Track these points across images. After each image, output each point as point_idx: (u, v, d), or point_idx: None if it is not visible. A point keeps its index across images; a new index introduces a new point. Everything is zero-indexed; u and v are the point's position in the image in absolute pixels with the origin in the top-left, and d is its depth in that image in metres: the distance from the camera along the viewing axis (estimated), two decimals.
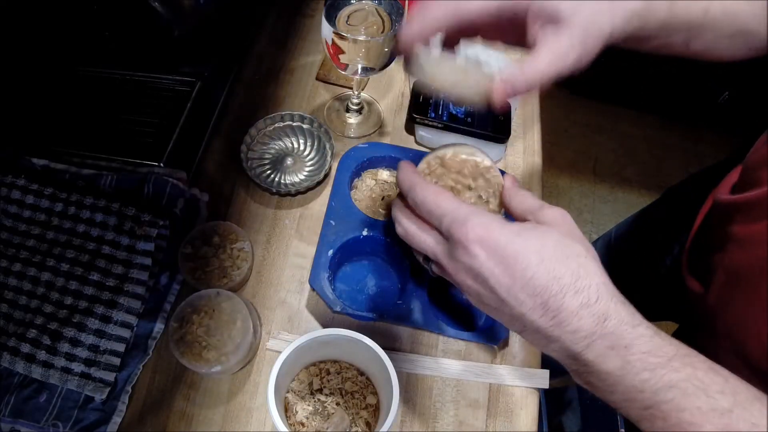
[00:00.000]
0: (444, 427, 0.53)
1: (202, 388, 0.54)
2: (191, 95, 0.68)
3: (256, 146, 0.67)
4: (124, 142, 0.65)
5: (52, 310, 0.54)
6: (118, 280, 0.55)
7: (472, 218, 0.34)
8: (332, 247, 0.57)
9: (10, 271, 0.56)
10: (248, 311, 0.53)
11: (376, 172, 0.65)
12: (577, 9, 0.39)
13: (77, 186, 0.61)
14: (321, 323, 0.58)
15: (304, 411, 0.50)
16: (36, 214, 0.59)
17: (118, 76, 0.70)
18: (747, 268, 0.48)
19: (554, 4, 0.40)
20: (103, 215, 0.58)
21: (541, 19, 0.40)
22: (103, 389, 0.51)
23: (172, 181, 0.61)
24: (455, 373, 0.55)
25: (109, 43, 0.71)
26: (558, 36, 0.39)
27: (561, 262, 0.33)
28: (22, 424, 0.51)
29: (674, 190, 0.84)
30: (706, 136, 1.84)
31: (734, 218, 0.52)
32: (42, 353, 0.52)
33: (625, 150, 1.82)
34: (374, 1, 0.59)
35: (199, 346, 0.51)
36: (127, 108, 0.68)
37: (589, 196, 1.74)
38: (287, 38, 0.79)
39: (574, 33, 0.39)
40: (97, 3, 0.67)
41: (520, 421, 0.54)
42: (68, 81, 0.70)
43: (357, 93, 0.69)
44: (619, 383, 0.32)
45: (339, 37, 0.55)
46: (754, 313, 0.46)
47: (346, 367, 0.53)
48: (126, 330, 0.54)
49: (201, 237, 0.58)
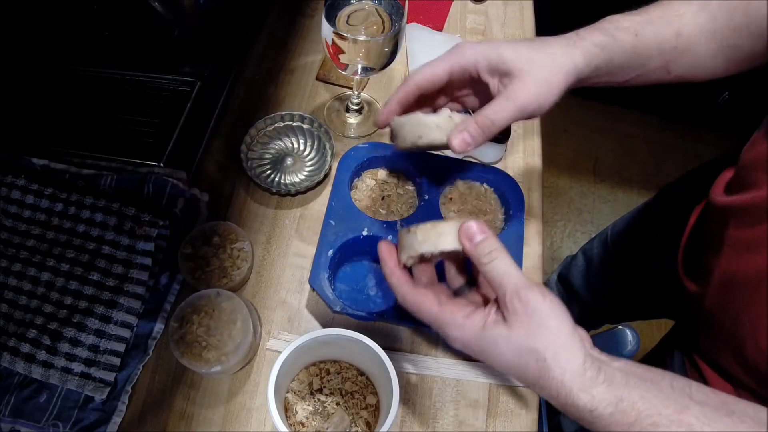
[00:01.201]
0: (444, 427, 0.53)
1: (202, 388, 0.54)
2: (191, 95, 0.68)
3: (256, 146, 0.67)
4: (124, 142, 0.65)
5: (52, 310, 0.54)
6: (118, 280, 0.55)
7: (444, 319, 0.38)
8: (332, 247, 0.57)
9: (10, 271, 0.56)
10: (248, 311, 0.53)
11: (376, 172, 0.65)
12: (530, 60, 0.43)
13: (77, 186, 0.61)
14: (321, 323, 0.58)
15: (304, 411, 0.50)
16: (36, 214, 0.59)
17: (118, 76, 0.70)
18: (744, 274, 0.48)
19: (504, 62, 0.43)
20: (103, 215, 0.58)
21: (497, 74, 0.44)
22: (103, 389, 0.51)
23: (172, 181, 0.61)
24: (455, 373, 0.55)
25: (109, 43, 0.71)
26: (514, 86, 0.43)
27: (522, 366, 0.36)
28: (22, 424, 0.51)
29: (669, 188, 0.83)
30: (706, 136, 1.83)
31: (729, 221, 0.51)
32: (42, 353, 0.52)
33: (625, 150, 1.82)
34: (374, 1, 0.59)
35: (199, 346, 0.51)
36: (127, 108, 0.68)
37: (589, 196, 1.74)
38: (287, 38, 0.79)
39: (530, 82, 0.43)
40: (97, 3, 0.67)
41: (520, 421, 0.54)
42: (68, 81, 0.70)
43: (357, 93, 0.69)
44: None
45: (339, 37, 0.55)
46: (751, 317, 0.46)
47: (346, 367, 0.53)
48: (126, 330, 0.54)
49: (201, 237, 0.58)
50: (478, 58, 0.44)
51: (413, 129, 0.46)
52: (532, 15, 0.85)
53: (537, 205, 0.67)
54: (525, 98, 0.43)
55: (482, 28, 0.83)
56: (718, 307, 0.52)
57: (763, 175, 0.48)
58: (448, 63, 0.45)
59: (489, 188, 0.65)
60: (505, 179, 0.64)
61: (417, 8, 0.82)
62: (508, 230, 0.59)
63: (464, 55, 0.45)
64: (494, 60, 0.44)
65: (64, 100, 0.69)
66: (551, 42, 0.45)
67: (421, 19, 0.81)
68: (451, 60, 0.45)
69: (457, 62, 0.45)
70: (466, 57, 0.45)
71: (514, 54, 0.43)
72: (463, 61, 0.45)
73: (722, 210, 0.54)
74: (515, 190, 0.63)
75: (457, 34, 0.81)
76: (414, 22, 0.80)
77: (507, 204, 0.62)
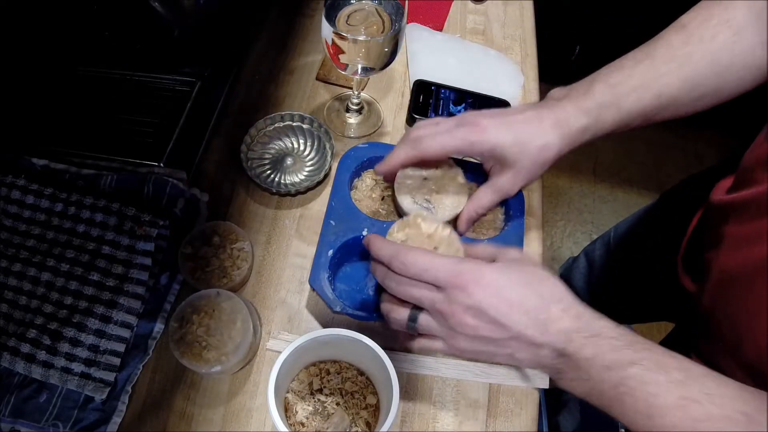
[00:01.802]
0: (444, 427, 0.53)
1: (202, 388, 0.54)
2: (191, 95, 0.68)
3: (256, 146, 0.67)
4: (124, 142, 0.65)
5: (52, 310, 0.54)
6: (118, 280, 0.55)
7: (462, 267, 0.41)
8: (332, 247, 0.57)
9: (10, 271, 0.56)
10: (248, 311, 0.53)
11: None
12: (522, 151, 0.50)
13: (77, 186, 0.61)
14: (321, 323, 0.58)
15: (304, 411, 0.50)
16: (36, 214, 0.59)
17: (118, 76, 0.70)
18: (741, 268, 0.48)
19: (501, 152, 0.50)
20: (103, 215, 0.58)
21: (492, 161, 0.54)
22: (103, 389, 0.52)
23: (172, 181, 0.61)
24: (455, 373, 0.55)
25: (109, 43, 0.71)
26: (502, 175, 0.53)
27: (540, 283, 0.41)
28: (22, 424, 0.51)
29: (671, 192, 0.84)
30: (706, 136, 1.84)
31: (729, 218, 0.52)
32: (42, 353, 0.52)
33: (625, 150, 1.82)
34: (374, 1, 0.59)
35: (199, 346, 0.51)
36: (127, 108, 0.68)
37: (589, 196, 1.74)
38: (287, 38, 0.79)
39: (518, 172, 0.52)
40: (97, 3, 0.67)
41: (520, 421, 0.54)
42: (68, 81, 0.70)
43: (357, 93, 0.69)
44: (592, 366, 0.38)
45: (339, 37, 0.55)
46: (748, 313, 0.46)
47: (346, 367, 0.53)
48: (126, 330, 0.54)
49: (201, 237, 0.58)
50: (485, 148, 0.50)
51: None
52: (532, 15, 0.85)
53: (537, 205, 0.67)
54: (510, 188, 0.54)
55: (482, 28, 0.83)
56: (717, 305, 0.52)
57: (763, 173, 0.48)
58: (461, 143, 0.50)
59: None
60: None
61: (417, 8, 0.82)
62: (508, 230, 0.59)
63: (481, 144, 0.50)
64: (495, 152, 0.51)
65: (64, 100, 0.69)
66: (543, 123, 0.50)
67: (421, 19, 0.81)
68: (466, 143, 0.50)
69: (470, 146, 0.51)
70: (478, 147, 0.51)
71: (511, 145, 0.50)
72: (475, 149, 0.51)
73: (722, 207, 0.54)
74: None
75: (457, 34, 0.81)
76: (414, 22, 0.80)
77: (507, 204, 0.62)
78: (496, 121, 0.50)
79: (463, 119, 0.51)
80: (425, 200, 0.58)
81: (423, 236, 0.53)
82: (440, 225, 0.54)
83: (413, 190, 0.59)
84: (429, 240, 0.53)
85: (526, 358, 0.41)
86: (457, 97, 0.72)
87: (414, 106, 0.70)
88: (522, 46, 0.81)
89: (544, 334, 0.39)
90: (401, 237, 0.52)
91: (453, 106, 0.70)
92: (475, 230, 0.62)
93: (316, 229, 0.61)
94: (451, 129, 0.51)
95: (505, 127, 0.50)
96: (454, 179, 0.59)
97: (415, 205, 0.58)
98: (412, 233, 0.53)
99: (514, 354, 0.41)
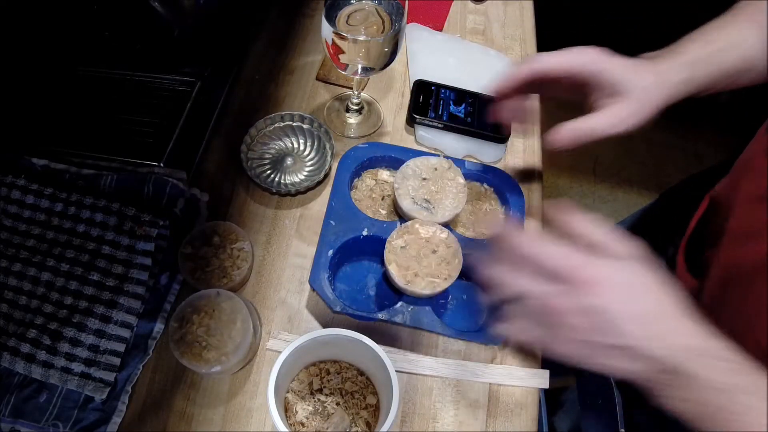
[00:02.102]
0: (444, 427, 0.53)
1: (202, 388, 0.54)
2: (191, 95, 0.68)
3: (256, 146, 0.67)
4: (124, 142, 0.65)
5: (52, 310, 0.54)
6: (118, 280, 0.55)
7: (588, 260, 0.38)
8: (332, 247, 0.57)
9: (10, 271, 0.56)
10: (248, 311, 0.53)
11: (376, 172, 0.65)
12: (633, 81, 0.49)
13: (77, 186, 0.61)
14: (321, 323, 0.58)
15: (304, 411, 0.50)
16: (36, 214, 0.59)
17: (118, 76, 0.70)
18: (743, 264, 0.48)
19: (612, 76, 0.49)
20: (103, 215, 0.58)
21: (604, 90, 0.50)
22: (103, 389, 0.51)
23: (172, 181, 0.61)
24: (455, 373, 0.55)
25: (109, 43, 0.71)
26: (616, 105, 0.50)
27: (660, 289, 0.38)
28: (22, 424, 0.51)
29: (671, 191, 0.84)
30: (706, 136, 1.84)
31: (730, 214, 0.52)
32: (42, 353, 0.52)
33: (625, 150, 1.82)
34: (374, 1, 0.59)
35: (199, 346, 0.51)
36: (127, 108, 0.68)
37: (589, 196, 1.74)
38: (287, 38, 0.79)
39: (631, 104, 0.49)
40: (97, 3, 0.67)
41: (520, 421, 0.54)
42: (68, 81, 0.70)
43: (357, 93, 0.69)
44: (701, 387, 0.36)
45: (339, 37, 0.55)
46: (749, 309, 0.46)
47: (346, 367, 0.53)
48: (126, 330, 0.54)
49: (201, 237, 0.58)
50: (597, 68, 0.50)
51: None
52: (532, 15, 0.85)
53: (537, 205, 0.67)
54: (625, 117, 0.50)
55: (482, 28, 0.83)
56: (717, 301, 0.52)
57: (762, 160, 0.48)
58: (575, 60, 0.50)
59: (489, 188, 0.65)
60: (505, 179, 0.64)
61: (417, 8, 0.82)
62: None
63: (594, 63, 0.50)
64: (604, 76, 0.50)
65: (64, 100, 0.69)
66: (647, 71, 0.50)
67: (421, 19, 0.81)
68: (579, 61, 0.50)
69: (582, 66, 0.50)
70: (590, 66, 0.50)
71: (622, 73, 0.49)
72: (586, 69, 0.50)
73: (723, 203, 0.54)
74: (515, 190, 0.63)
75: (457, 34, 0.81)
76: (414, 22, 0.80)
77: (507, 204, 0.62)
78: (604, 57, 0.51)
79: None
80: (425, 201, 0.58)
81: (421, 240, 0.54)
82: (438, 228, 0.55)
83: (413, 191, 0.59)
84: (427, 243, 0.54)
85: (627, 368, 0.38)
86: (457, 97, 0.72)
87: (414, 106, 0.70)
88: (522, 46, 0.81)
89: (660, 349, 0.37)
90: (400, 243, 0.54)
91: (453, 106, 0.70)
92: (475, 230, 0.62)
93: (316, 229, 0.61)
94: (563, 52, 0.52)
95: (613, 62, 0.50)
96: (454, 179, 0.59)
97: (414, 206, 0.58)
98: (410, 239, 0.54)
99: (615, 363, 0.39)
